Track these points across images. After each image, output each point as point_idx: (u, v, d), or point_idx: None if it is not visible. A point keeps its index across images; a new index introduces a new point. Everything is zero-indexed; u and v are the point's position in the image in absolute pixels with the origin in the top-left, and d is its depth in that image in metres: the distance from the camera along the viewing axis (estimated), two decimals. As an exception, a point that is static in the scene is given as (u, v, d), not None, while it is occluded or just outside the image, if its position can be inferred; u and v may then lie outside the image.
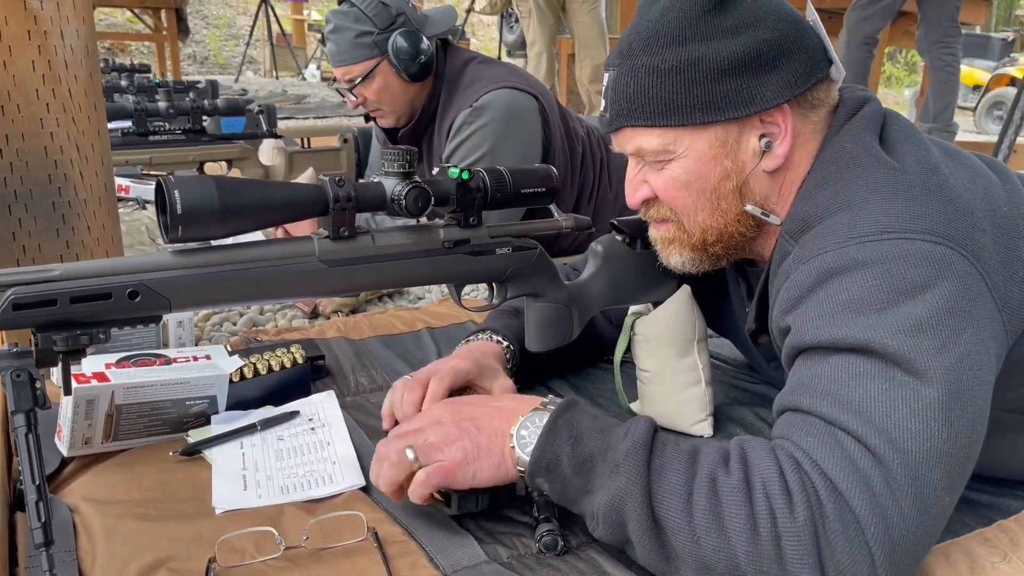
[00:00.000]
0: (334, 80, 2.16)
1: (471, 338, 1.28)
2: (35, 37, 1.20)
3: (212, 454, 1.09)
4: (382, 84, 2.05)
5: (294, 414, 1.19)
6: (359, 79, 2.04)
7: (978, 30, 10.57)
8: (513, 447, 0.89)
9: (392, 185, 1.01)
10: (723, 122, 0.97)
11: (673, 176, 1.01)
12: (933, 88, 4.58)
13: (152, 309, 0.89)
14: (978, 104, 9.84)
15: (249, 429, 1.14)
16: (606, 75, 1.05)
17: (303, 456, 1.10)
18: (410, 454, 0.91)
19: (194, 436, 1.13)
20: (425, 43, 2.01)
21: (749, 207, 1.01)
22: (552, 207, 1.15)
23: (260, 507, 0.99)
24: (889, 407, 0.78)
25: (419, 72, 2.03)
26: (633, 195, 1.08)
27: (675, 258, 1.09)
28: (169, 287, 0.89)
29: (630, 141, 1.03)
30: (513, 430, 0.90)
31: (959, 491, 0.81)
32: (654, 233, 1.11)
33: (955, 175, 0.94)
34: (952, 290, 0.82)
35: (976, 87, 10.28)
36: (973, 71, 10.62)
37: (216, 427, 1.15)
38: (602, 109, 1.07)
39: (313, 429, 1.16)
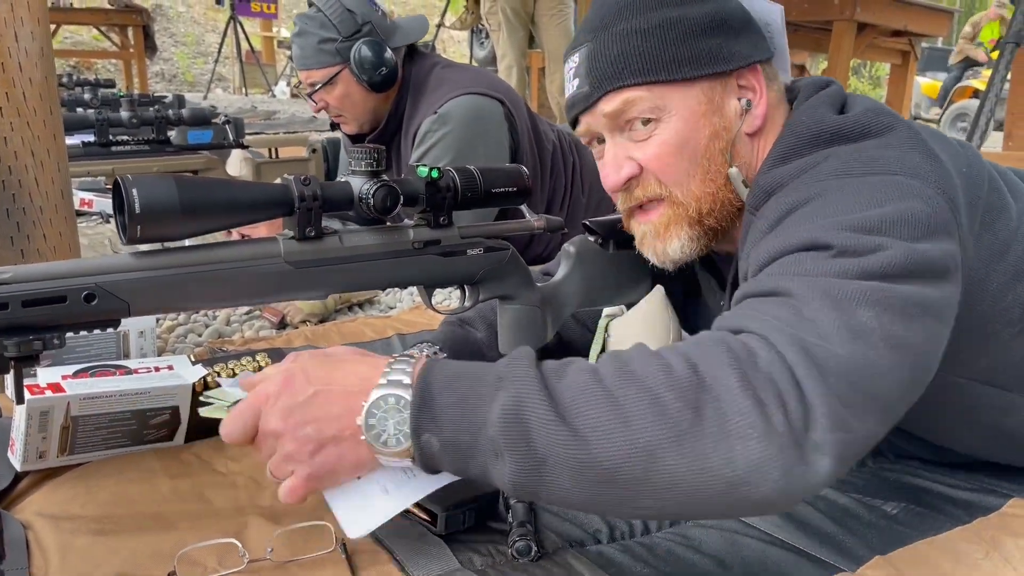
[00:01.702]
0: (299, 84, 2.14)
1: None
2: (-13, 38, 1.16)
3: None
4: (343, 92, 2.03)
5: None
6: (320, 84, 2.02)
7: (940, 43, 10.79)
8: (367, 441, 0.73)
9: (360, 184, 0.99)
10: (708, 78, 0.98)
11: (664, 140, 0.98)
12: None
13: (110, 313, 0.86)
14: (942, 116, 10.03)
15: None
16: (575, 54, 1.03)
17: None
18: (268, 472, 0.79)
19: (214, 400, 0.94)
20: (389, 54, 1.99)
21: (733, 170, 1.00)
22: (524, 208, 1.13)
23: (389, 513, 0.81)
24: (821, 276, 0.74)
25: (381, 82, 2.01)
26: (617, 174, 1.01)
27: (674, 244, 1.02)
28: (127, 289, 0.86)
29: (615, 105, 0.99)
30: (360, 420, 0.73)
31: (907, 350, 0.72)
32: (642, 228, 1.05)
33: (924, 129, 0.95)
34: (912, 204, 0.80)
35: (938, 99, 10.48)
36: (935, 83, 10.83)
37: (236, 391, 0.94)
38: (575, 87, 1.03)
39: None
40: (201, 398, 0.96)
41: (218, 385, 1.17)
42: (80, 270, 0.84)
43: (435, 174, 1.01)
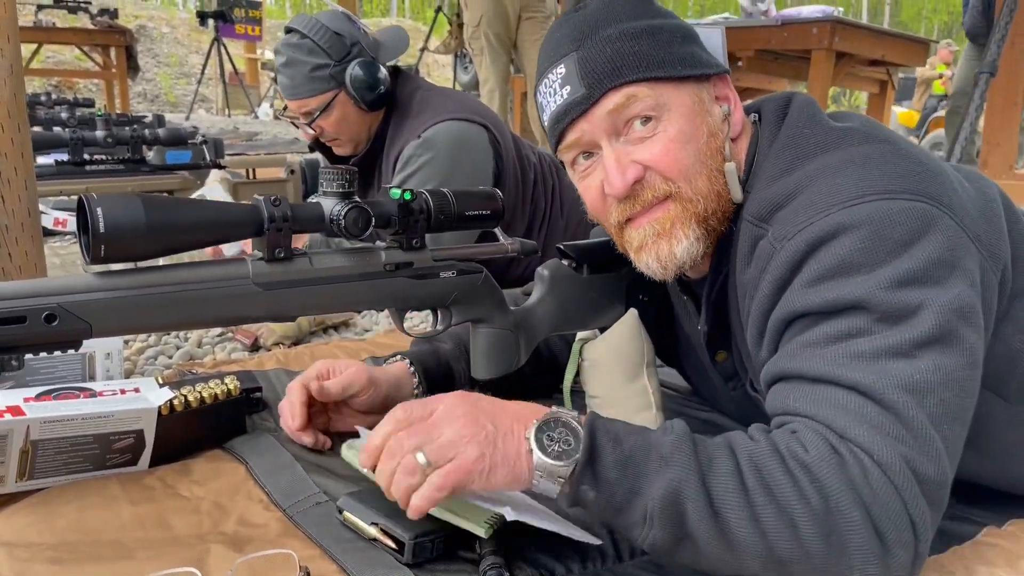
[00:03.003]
0: (284, 109, 2.11)
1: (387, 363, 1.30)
2: (-45, 54, 1.15)
3: None
4: (340, 115, 2.01)
5: None
6: (318, 112, 2.00)
7: (916, 72, 10.97)
8: (531, 451, 0.80)
9: (331, 205, 0.98)
10: (694, 81, 1.00)
11: (670, 136, 0.98)
12: None
13: (71, 334, 0.84)
14: (920, 142, 10.16)
15: None
16: (559, 66, 1.00)
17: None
18: (421, 458, 0.80)
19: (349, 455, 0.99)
20: (382, 72, 1.99)
21: (730, 164, 1.01)
22: (498, 231, 1.12)
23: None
24: (882, 358, 0.80)
25: (377, 100, 1.99)
26: (622, 177, 0.98)
27: (682, 244, 1.00)
28: (90, 310, 0.84)
29: (617, 100, 0.97)
30: (529, 433, 0.81)
31: (960, 424, 0.82)
32: (643, 231, 1.01)
33: (916, 146, 0.97)
34: (938, 242, 0.84)
35: (915, 127, 10.63)
36: (912, 112, 10.99)
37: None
38: (566, 95, 1.00)
39: None
40: (345, 446, 1.00)
41: (188, 406, 1.15)
42: (41, 290, 0.82)
43: (407, 196, 1.00)
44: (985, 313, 0.88)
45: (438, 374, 1.26)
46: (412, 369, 1.25)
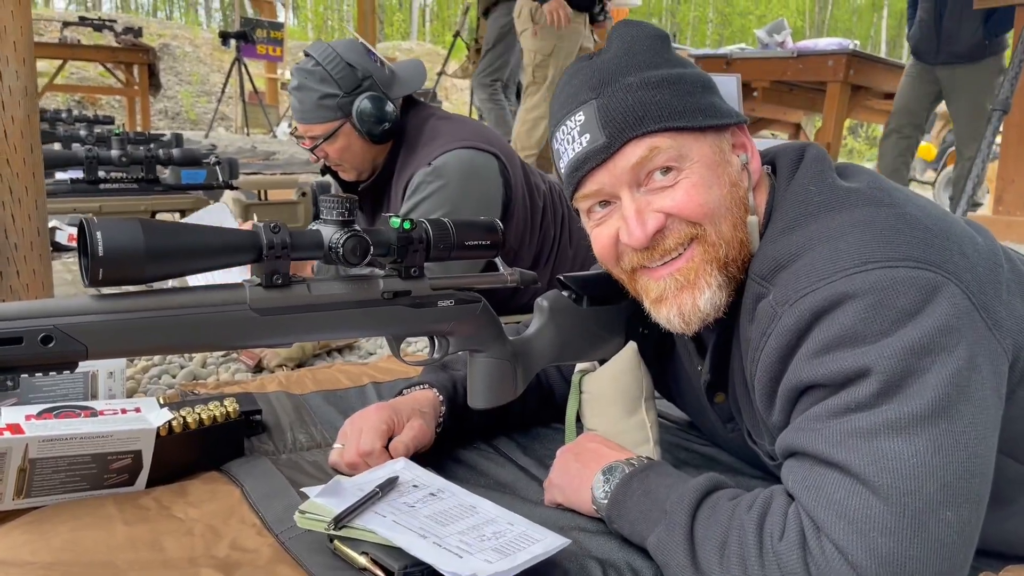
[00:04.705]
0: (295, 129, 2.14)
1: (405, 390, 1.28)
2: (-30, 76, 1.17)
3: (376, 533, 0.94)
4: (344, 144, 2.03)
5: (394, 480, 1.06)
6: (321, 139, 2.02)
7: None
8: (591, 487, 1.04)
9: (330, 233, 0.98)
10: (714, 131, 1.00)
11: (692, 183, 0.97)
12: None
13: (67, 356, 0.85)
14: (936, 179, 10.09)
15: (371, 496, 1.01)
16: (576, 113, 0.99)
17: (466, 520, 0.99)
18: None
19: (310, 515, 0.98)
20: (390, 107, 2.00)
21: (752, 218, 1.01)
22: (497, 260, 1.13)
23: None
24: (880, 435, 0.81)
25: (382, 135, 2.01)
26: (643, 228, 0.97)
27: (705, 295, 0.98)
28: (86, 332, 0.85)
29: (640, 152, 0.96)
30: (598, 473, 1.04)
31: (969, 505, 0.81)
32: (662, 283, 1.00)
33: (923, 202, 0.96)
34: (941, 311, 0.83)
35: (933, 161, 10.56)
36: (930, 146, 10.94)
37: (325, 500, 1.00)
38: (585, 143, 0.98)
39: (433, 494, 1.05)
40: (300, 509, 1.01)
41: (186, 427, 1.15)
42: (38, 311, 0.83)
43: (407, 225, 1.01)
44: (995, 381, 0.86)
45: (457, 402, 1.26)
46: (440, 398, 1.26)
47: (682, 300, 0.99)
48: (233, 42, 9.00)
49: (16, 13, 1.21)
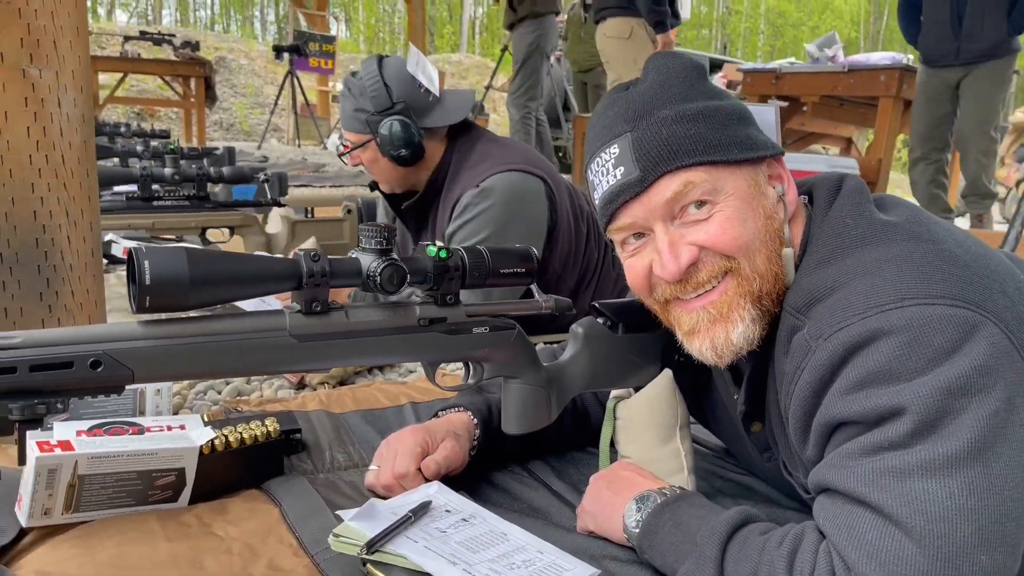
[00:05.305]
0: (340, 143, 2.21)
1: (441, 412, 1.30)
2: (32, 104, 1.22)
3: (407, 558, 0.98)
4: (372, 157, 2.10)
5: (427, 504, 1.09)
6: (353, 147, 2.10)
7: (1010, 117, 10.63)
8: (623, 516, 1.05)
9: (368, 261, 1.01)
10: (749, 164, 1.00)
11: (727, 216, 0.97)
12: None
13: (114, 380, 0.88)
14: (1007, 196, 9.80)
15: (404, 520, 1.03)
16: (612, 146, 1.00)
17: (496, 548, 1.02)
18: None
19: (344, 538, 1.01)
20: (416, 135, 2.03)
21: (788, 250, 1.00)
22: (533, 287, 1.14)
23: None
24: (914, 476, 0.80)
25: (404, 159, 2.05)
26: (677, 261, 0.97)
27: (738, 328, 0.98)
28: (133, 357, 0.88)
29: (675, 187, 0.96)
30: (630, 502, 1.04)
31: (1004, 549, 0.79)
32: (695, 316, 1.01)
33: (963, 238, 0.95)
34: (979, 351, 0.82)
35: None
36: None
37: (359, 524, 1.03)
38: (619, 176, 0.99)
39: (465, 520, 1.08)
40: (334, 532, 1.03)
41: (228, 446, 1.18)
42: (87, 337, 0.87)
43: (443, 254, 1.03)
44: None
45: (491, 425, 1.28)
46: (475, 420, 1.27)
47: (715, 333, 0.99)
48: (286, 56, 9.18)
49: (74, 44, 1.26)
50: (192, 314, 0.94)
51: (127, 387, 0.91)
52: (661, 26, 4.72)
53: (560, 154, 8.91)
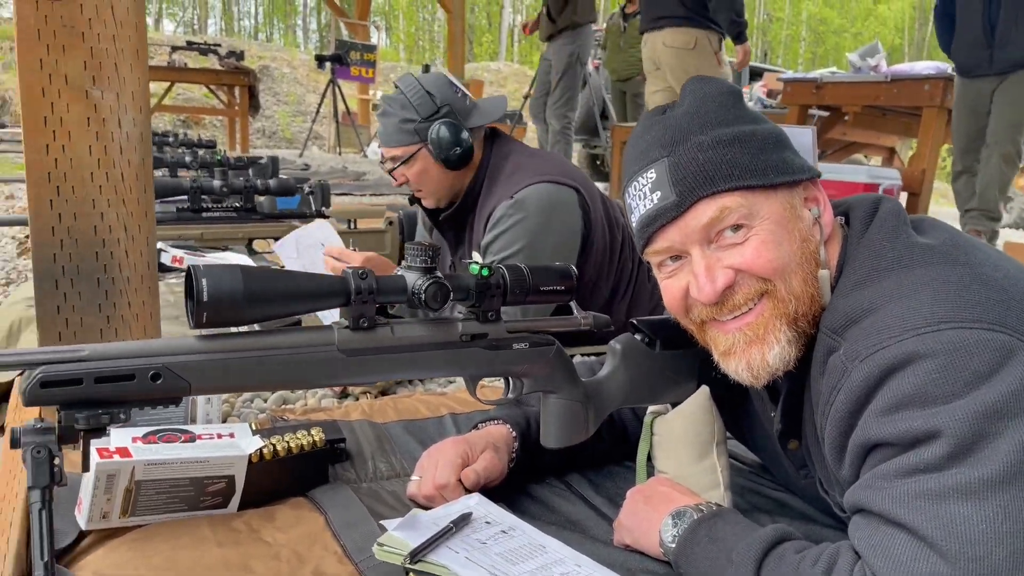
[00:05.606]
0: (382, 156, 2.25)
1: (480, 424, 1.33)
2: (94, 124, 1.28)
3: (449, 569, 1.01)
4: (421, 168, 2.13)
5: (468, 516, 1.12)
6: (400, 161, 2.12)
7: None
8: (659, 531, 1.07)
9: (413, 279, 1.04)
10: (786, 187, 1.01)
11: (762, 240, 0.98)
12: None
13: (172, 391, 0.92)
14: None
15: (446, 531, 1.06)
16: (648, 171, 1.02)
17: (535, 560, 1.04)
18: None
19: (387, 547, 1.04)
20: (465, 134, 2.08)
21: (824, 272, 1.01)
22: (572, 304, 1.17)
23: None
24: (949, 498, 0.81)
25: (456, 161, 2.09)
26: (713, 284, 0.99)
27: (774, 350, 1.00)
28: (190, 370, 0.92)
29: (712, 212, 0.98)
30: (667, 517, 1.07)
31: None
32: (731, 337, 1.02)
33: (1002, 262, 0.95)
34: (1017, 375, 0.83)
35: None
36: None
37: (402, 533, 1.06)
38: (656, 200, 1.01)
39: (504, 532, 1.10)
40: (378, 541, 1.06)
41: (276, 455, 1.23)
42: (149, 350, 0.91)
43: (485, 272, 1.06)
44: None
45: (530, 438, 1.30)
46: (514, 433, 1.30)
47: (751, 354, 1.01)
48: (328, 64, 9.33)
49: (134, 66, 1.32)
50: (243, 329, 0.98)
51: (182, 398, 0.96)
52: (741, 37, 4.72)
53: (598, 162, 8.92)
